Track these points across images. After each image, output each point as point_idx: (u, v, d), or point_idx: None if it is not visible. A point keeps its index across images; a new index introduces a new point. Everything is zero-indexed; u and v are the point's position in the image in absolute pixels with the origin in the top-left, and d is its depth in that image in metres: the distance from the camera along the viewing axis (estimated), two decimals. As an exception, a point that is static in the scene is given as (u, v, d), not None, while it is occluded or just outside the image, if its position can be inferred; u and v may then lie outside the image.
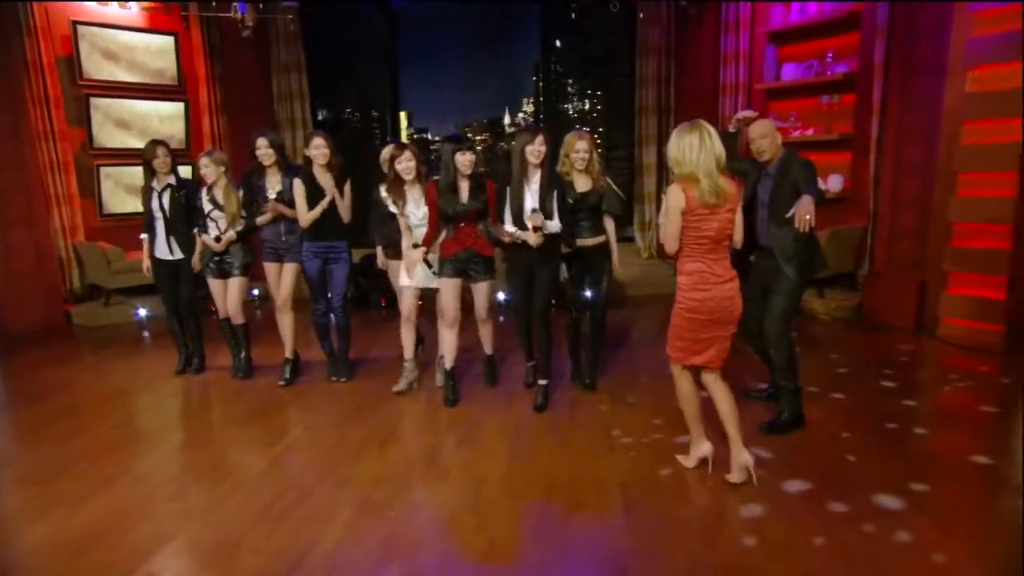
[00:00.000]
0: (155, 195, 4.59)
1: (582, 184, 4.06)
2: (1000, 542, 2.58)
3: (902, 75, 5.65)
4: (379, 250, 4.57)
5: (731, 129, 3.66)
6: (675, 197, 2.83)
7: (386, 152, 4.36)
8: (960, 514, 2.79)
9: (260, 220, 4.49)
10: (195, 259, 4.66)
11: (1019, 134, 4.70)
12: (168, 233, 4.63)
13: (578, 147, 3.98)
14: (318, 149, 4.32)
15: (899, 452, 3.35)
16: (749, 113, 3.73)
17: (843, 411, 3.89)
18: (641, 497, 2.97)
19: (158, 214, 4.60)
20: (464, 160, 3.91)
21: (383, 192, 4.28)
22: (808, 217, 3.11)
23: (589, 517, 2.82)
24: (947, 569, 2.42)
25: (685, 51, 7.44)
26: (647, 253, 7.70)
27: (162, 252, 4.68)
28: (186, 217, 4.60)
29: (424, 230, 4.13)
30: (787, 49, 6.75)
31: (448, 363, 4.21)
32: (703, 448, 3.17)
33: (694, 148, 2.79)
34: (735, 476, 3.02)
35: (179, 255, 4.66)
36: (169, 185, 4.59)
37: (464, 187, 3.98)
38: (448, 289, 4.07)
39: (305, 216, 4.32)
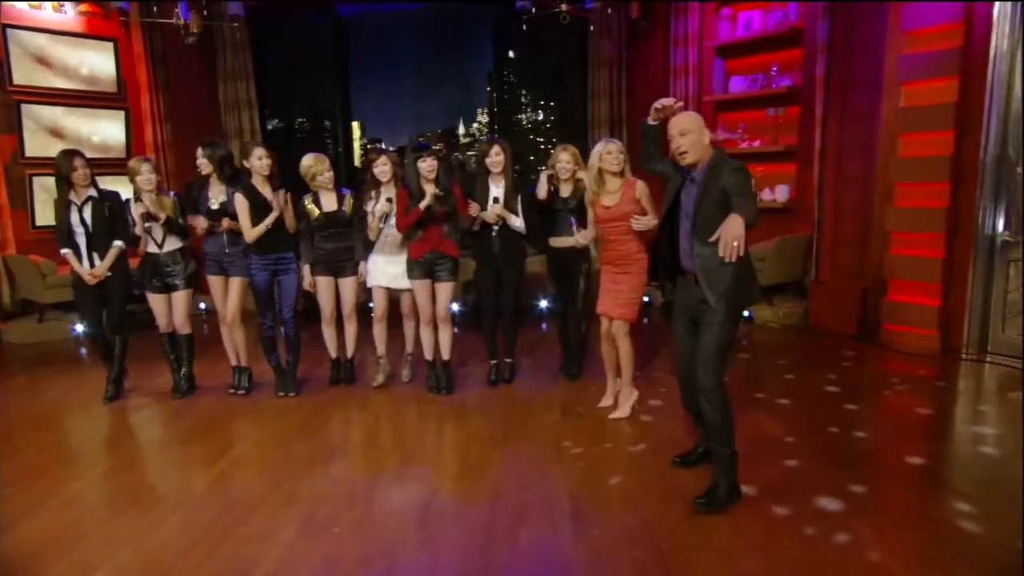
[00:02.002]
0: (75, 209, 4.33)
1: (566, 191, 4.40)
2: (935, 539, 2.70)
3: (842, 89, 5.91)
4: (306, 269, 4.52)
5: (650, 121, 3.13)
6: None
7: (305, 164, 4.42)
8: (895, 514, 2.91)
9: (199, 227, 4.39)
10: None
11: (950, 147, 4.98)
12: (91, 248, 4.37)
13: (561, 158, 4.34)
14: (261, 160, 4.26)
15: (840, 455, 3.47)
16: (667, 101, 3.06)
17: (788, 416, 4.01)
18: (589, 507, 3.00)
19: (79, 229, 4.33)
20: (425, 166, 4.20)
21: (308, 203, 4.41)
22: (736, 244, 2.49)
23: (536, 529, 2.84)
24: (882, 566, 2.51)
25: (636, 64, 7.61)
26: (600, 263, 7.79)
27: (84, 268, 4.40)
28: (110, 230, 4.39)
29: (392, 231, 4.38)
30: (734, 62, 6.98)
31: (428, 356, 4.56)
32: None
33: None
34: (622, 412, 4.01)
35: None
36: (91, 198, 4.34)
37: (429, 191, 4.20)
38: (420, 290, 4.39)
39: (250, 233, 4.26)
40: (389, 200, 4.32)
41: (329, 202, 4.42)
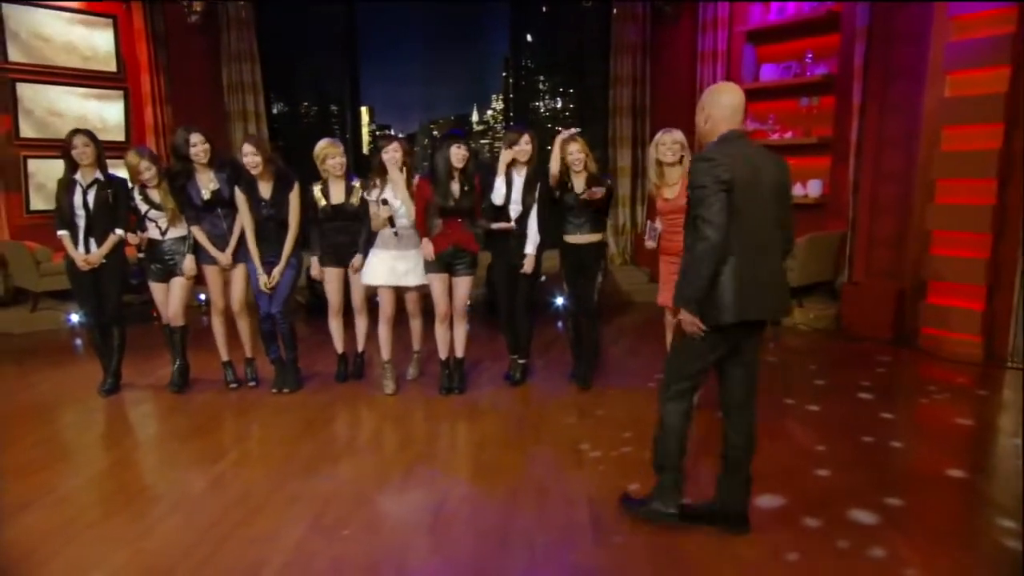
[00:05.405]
0: (79, 190, 4.35)
1: (579, 185, 4.37)
2: (975, 557, 2.68)
3: (881, 78, 5.85)
4: (314, 260, 4.57)
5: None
6: None
7: (319, 147, 4.43)
8: (934, 529, 2.89)
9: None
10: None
11: (998, 140, 4.92)
12: (89, 234, 4.40)
13: (571, 149, 4.32)
14: (248, 157, 4.25)
15: (874, 466, 3.45)
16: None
17: (819, 424, 4.00)
18: (609, 514, 3.00)
19: (80, 211, 4.36)
20: (458, 153, 4.18)
21: (316, 192, 4.44)
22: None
23: (554, 535, 2.85)
24: (920, 585, 2.51)
25: (661, 50, 7.59)
26: (620, 259, 7.79)
27: (79, 253, 4.41)
28: (111, 217, 4.41)
29: (404, 221, 4.32)
30: (765, 49, 6.94)
31: (443, 354, 4.54)
32: None
33: None
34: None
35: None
36: (96, 180, 4.37)
37: (456, 181, 4.24)
38: (437, 283, 4.37)
39: (251, 239, 4.38)
40: (385, 202, 4.23)
41: (337, 193, 4.44)
